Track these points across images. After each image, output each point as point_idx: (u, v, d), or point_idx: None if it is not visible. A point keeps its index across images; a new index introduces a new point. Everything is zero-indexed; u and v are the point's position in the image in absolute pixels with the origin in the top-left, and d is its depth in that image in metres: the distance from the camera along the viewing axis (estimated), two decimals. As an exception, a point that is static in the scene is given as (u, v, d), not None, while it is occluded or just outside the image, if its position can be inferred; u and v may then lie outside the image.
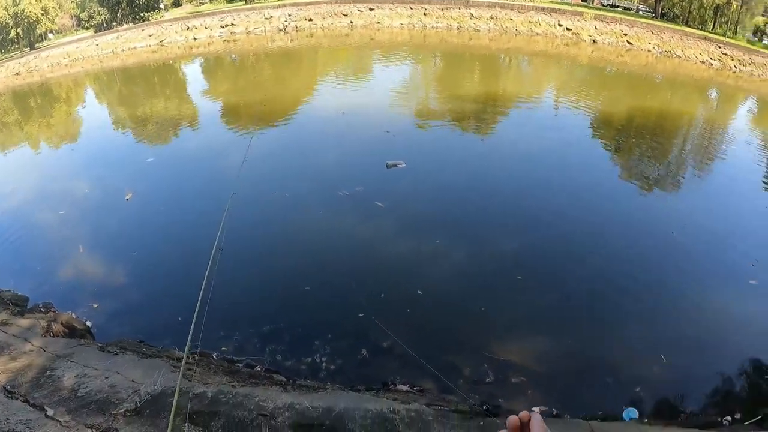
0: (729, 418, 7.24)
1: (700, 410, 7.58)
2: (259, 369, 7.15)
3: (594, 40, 37.40)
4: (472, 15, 39.85)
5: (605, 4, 51.11)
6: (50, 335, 7.55)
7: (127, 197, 12.49)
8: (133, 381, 5.99)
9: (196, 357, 7.13)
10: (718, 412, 7.49)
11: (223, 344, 7.71)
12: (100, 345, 7.35)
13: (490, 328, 8.45)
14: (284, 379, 6.71)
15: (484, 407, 6.46)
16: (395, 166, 13.88)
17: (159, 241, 11.08)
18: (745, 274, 10.85)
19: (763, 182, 16.68)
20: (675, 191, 15.34)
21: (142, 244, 10.82)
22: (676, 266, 10.94)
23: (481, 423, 5.62)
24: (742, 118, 26.74)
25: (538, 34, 38.18)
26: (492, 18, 39.68)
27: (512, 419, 1.44)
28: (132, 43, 37.99)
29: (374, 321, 8.18)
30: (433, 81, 27.17)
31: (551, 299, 9.47)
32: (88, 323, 8.45)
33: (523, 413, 1.47)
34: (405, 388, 6.95)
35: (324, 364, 7.47)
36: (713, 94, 31.42)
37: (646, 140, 19.28)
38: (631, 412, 7.18)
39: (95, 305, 8.89)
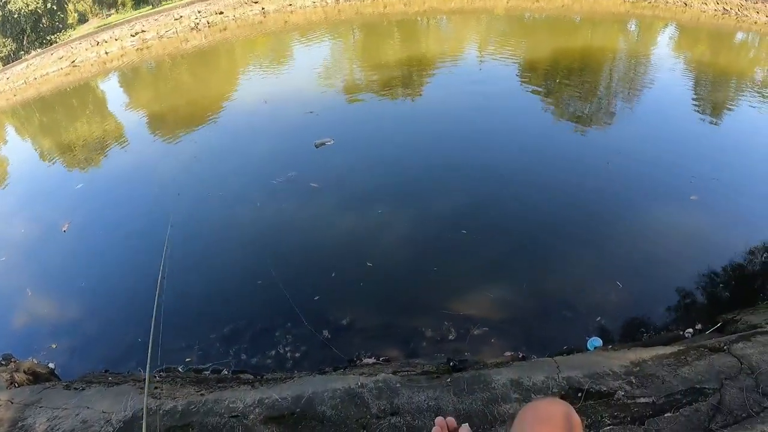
0: (690, 330, 7.58)
1: (662, 327, 7.91)
2: (225, 372, 7.22)
3: (508, -11, 37.61)
4: (383, -19, 39.59)
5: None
6: (15, 386, 7.42)
7: (64, 229, 12.22)
8: (103, 412, 5.97)
9: (162, 374, 7.17)
10: (679, 326, 7.84)
11: (186, 355, 7.74)
12: (65, 384, 7.28)
13: (444, 287, 8.64)
14: (251, 377, 6.79)
15: (450, 363, 6.65)
16: (323, 144, 13.93)
17: (104, 266, 10.91)
18: (684, 191, 11.27)
19: (692, 102, 17.26)
20: (607, 124, 15.78)
21: (88, 274, 10.62)
22: (615, 193, 11.35)
23: (449, 380, 5.78)
24: (663, 45, 27.44)
25: (452, -9, 38.21)
26: (404, -19, 39.51)
27: (439, 420, 1.55)
28: (43, 69, 36.54)
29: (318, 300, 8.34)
30: (354, 54, 27.03)
31: (499, 246, 9.72)
32: (51, 365, 8.33)
33: (450, 419, 1.57)
34: (371, 360, 7.11)
35: (288, 354, 7.58)
36: (632, 26, 32.06)
37: (573, 80, 19.70)
38: (595, 341, 7.45)
39: (54, 345, 8.74)
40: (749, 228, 10.27)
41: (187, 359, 7.68)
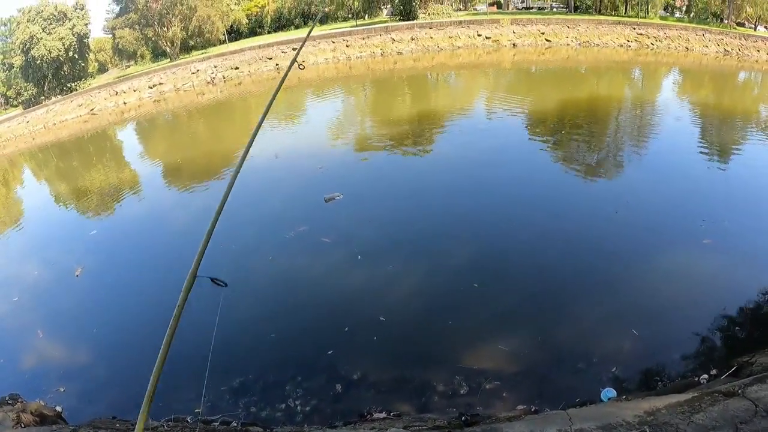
0: (705, 376, 7.47)
1: (677, 375, 7.81)
2: (235, 424, 7.11)
3: (514, 44, 38.64)
4: (393, 39, 40.75)
5: (520, 7, 52.63)
6: (21, 426, 7.38)
7: (77, 273, 12.30)
8: (107, 461, 5.90)
9: (170, 423, 7.08)
10: (694, 372, 7.74)
11: (195, 406, 7.66)
12: (73, 428, 7.19)
13: (456, 340, 8.57)
14: (261, 430, 6.71)
15: (462, 418, 6.57)
16: (333, 199, 14.05)
17: (115, 313, 10.85)
18: (696, 235, 11.29)
19: (698, 146, 17.41)
20: (615, 173, 15.91)
21: (100, 320, 10.58)
22: (626, 241, 11.36)
23: (461, 435, 5.71)
24: (668, 89, 27.96)
25: (459, 47, 39.26)
26: (413, 39, 40.72)
27: None
28: (63, 115, 37.47)
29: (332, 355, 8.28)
30: (365, 109, 27.54)
31: (511, 299, 9.70)
32: (59, 408, 8.25)
33: None
34: (382, 415, 7.02)
35: (299, 407, 7.48)
36: (636, 73, 32.59)
37: (581, 130, 19.94)
38: (609, 392, 7.35)
39: (62, 389, 8.67)
40: (762, 269, 10.25)
41: (197, 410, 7.57)
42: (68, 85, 46.99)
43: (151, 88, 39.80)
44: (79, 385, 8.87)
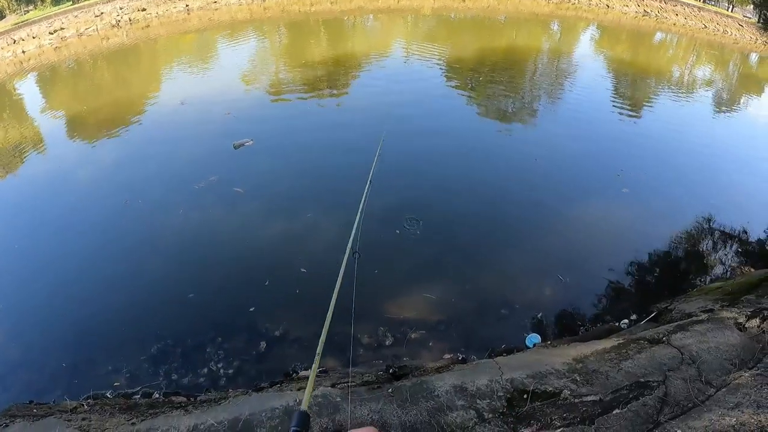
0: (626, 321, 7.75)
1: (598, 319, 8.06)
2: (157, 395, 6.81)
3: (435, -10, 37.96)
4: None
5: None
6: None
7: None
8: (30, 453, 5.53)
9: (90, 401, 6.70)
10: (614, 317, 7.97)
11: (114, 379, 7.29)
12: (-12, 421, 6.74)
13: (379, 291, 8.48)
14: (185, 399, 6.38)
15: (390, 371, 6.49)
16: (242, 145, 13.62)
17: (19, 285, 9.87)
18: (613, 185, 11.57)
19: (611, 100, 17.83)
20: (532, 123, 16.12)
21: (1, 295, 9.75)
22: (547, 190, 11.52)
23: (390, 390, 5.61)
24: (585, 44, 28.48)
25: (378, -10, 38.32)
26: (331, -21, 39.27)
27: None
28: (-45, 71, 34.67)
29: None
30: (280, 53, 26.66)
31: (434, 246, 9.68)
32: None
33: None
34: (307, 373, 6.87)
35: (222, 370, 7.22)
36: (555, 26, 32.91)
37: (498, 78, 20.02)
38: (534, 338, 7.47)
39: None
40: (677, 218, 10.62)
41: (116, 383, 7.20)
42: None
43: (52, 34, 36.88)
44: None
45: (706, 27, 34.89)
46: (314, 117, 16.16)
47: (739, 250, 10.02)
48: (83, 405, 6.50)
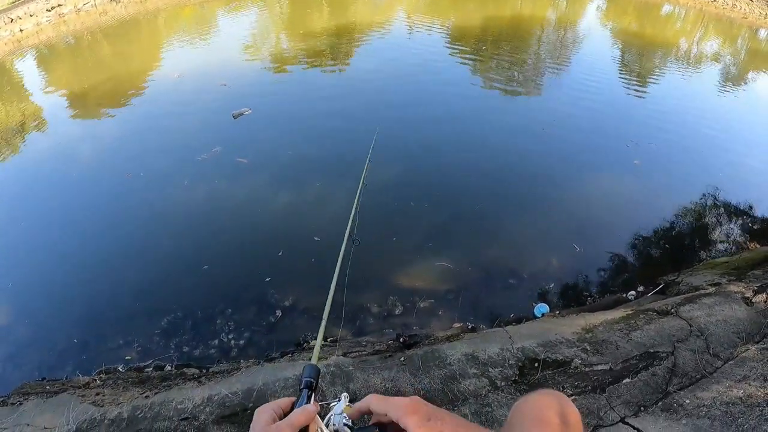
0: (633, 292, 7.74)
1: (605, 290, 8.07)
2: (169, 368, 6.85)
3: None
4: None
5: None
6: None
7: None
8: (44, 428, 5.57)
9: (102, 376, 6.76)
10: (621, 288, 7.98)
11: (126, 353, 7.32)
12: (1, 399, 6.81)
13: (389, 260, 8.52)
14: (197, 371, 6.45)
15: (401, 340, 6.53)
16: (241, 114, 13.49)
17: (30, 265, 9.76)
18: (624, 156, 11.49)
19: (619, 70, 17.63)
20: (538, 92, 15.97)
21: (14, 275, 9.55)
22: (556, 160, 11.51)
23: (402, 358, 5.65)
24: (591, 14, 28.06)
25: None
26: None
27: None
28: (-51, 51, 34.41)
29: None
30: (281, 23, 26.33)
31: (446, 216, 9.68)
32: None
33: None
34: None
35: (233, 342, 7.26)
36: None
37: (503, 47, 19.82)
38: (542, 308, 7.48)
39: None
40: (684, 191, 10.59)
41: (127, 357, 7.24)
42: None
43: (49, 11, 36.58)
44: (1, 351, 8.29)
45: (714, 0, 34.47)
46: (316, 88, 15.96)
47: (746, 226, 9.99)
48: (96, 380, 6.56)
